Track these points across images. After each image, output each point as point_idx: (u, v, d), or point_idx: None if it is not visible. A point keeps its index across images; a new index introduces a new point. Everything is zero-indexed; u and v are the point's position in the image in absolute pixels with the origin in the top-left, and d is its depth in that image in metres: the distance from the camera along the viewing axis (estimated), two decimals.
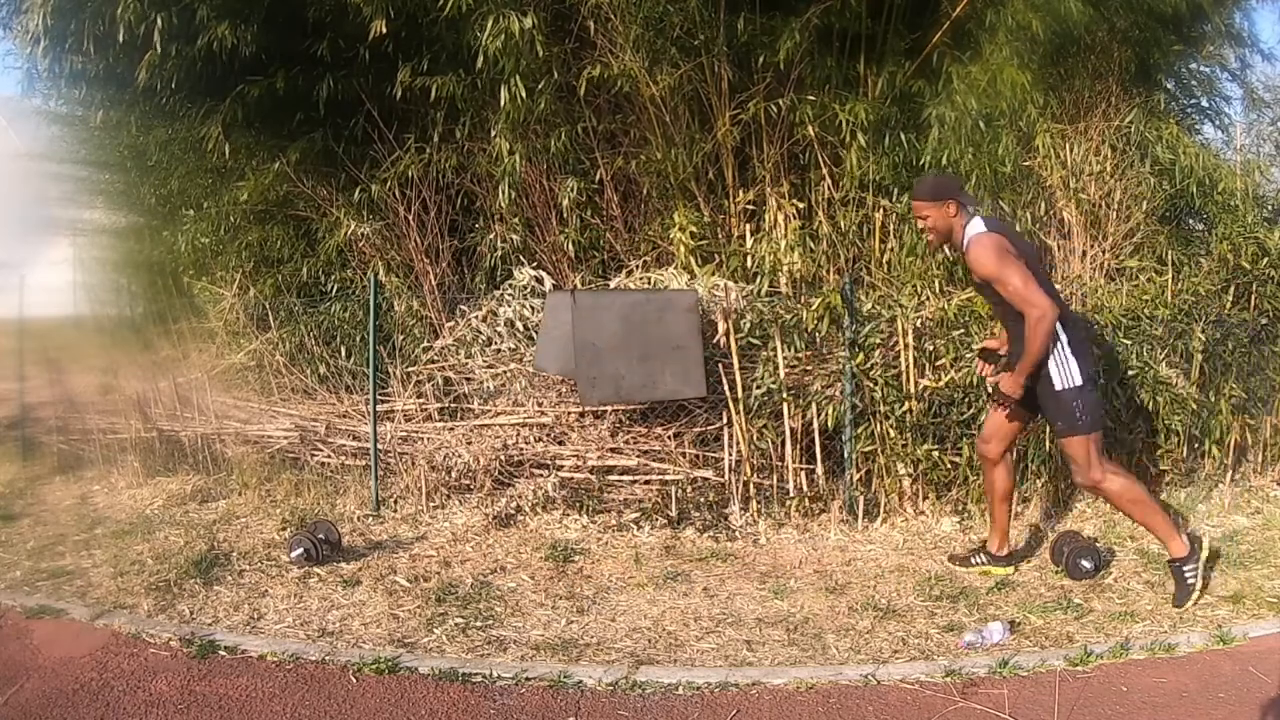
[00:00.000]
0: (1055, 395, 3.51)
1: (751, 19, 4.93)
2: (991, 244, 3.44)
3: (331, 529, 4.26)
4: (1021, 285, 3.37)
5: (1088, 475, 3.53)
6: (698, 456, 4.73)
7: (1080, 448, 3.51)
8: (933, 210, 3.58)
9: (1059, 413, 3.53)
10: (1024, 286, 3.37)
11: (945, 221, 3.57)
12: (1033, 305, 3.35)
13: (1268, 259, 5.07)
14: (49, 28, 5.05)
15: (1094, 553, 3.87)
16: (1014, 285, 3.38)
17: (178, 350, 6.39)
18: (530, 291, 5.14)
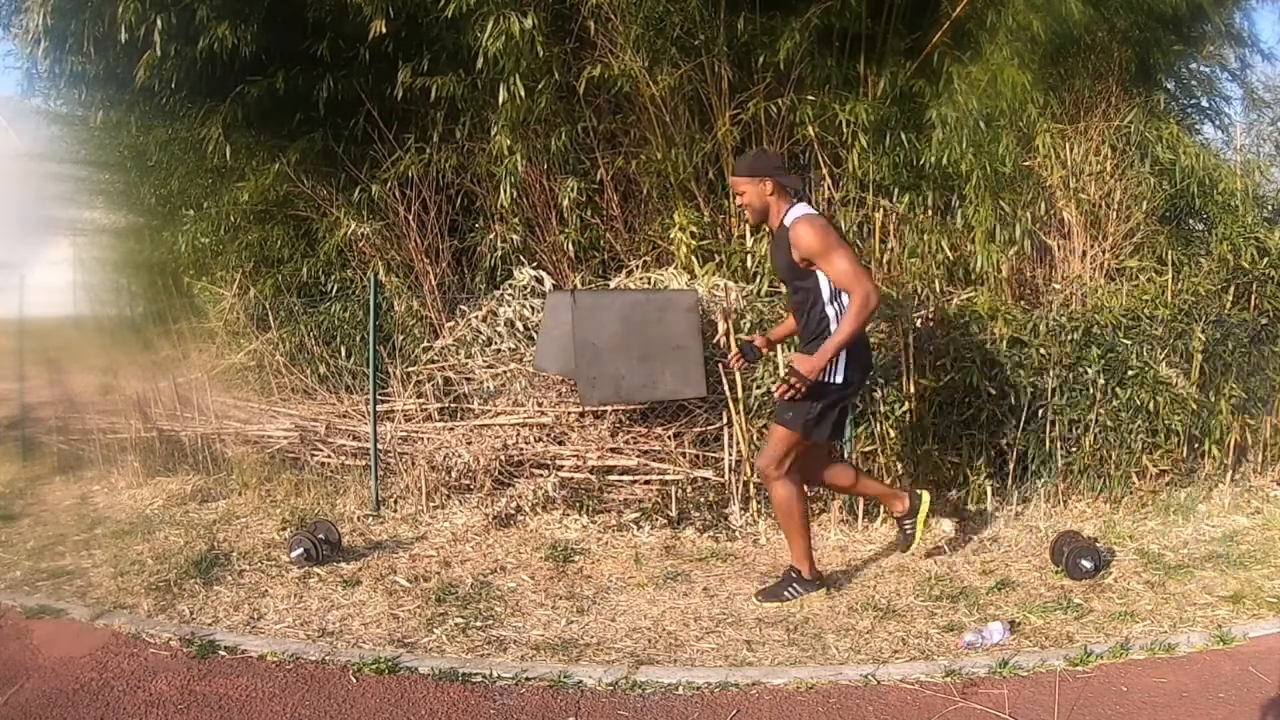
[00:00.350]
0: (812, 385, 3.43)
1: (751, 19, 4.93)
2: (818, 223, 3.41)
3: (331, 529, 4.27)
4: (850, 265, 3.33)
5: (767, 464, 3.58)
6: (698, 456, 4.73)
7: (784, 440, 3.52)
8: (749, 186, 3.53)
9: (799, 402, 3.44)
10: (853, 267, 3.33)
11: (761, 199, 3.52)
12: (860, 286, 3.30)
13: (1268, 259, 5.07)
14: (49, 28, 5.05)
15: (1094, 553, 3.87)
16: (843, 264, 3.33)
17: (178, 350, 6.38)
18: (530, 291, 5.14)
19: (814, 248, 3.38)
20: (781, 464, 3.54)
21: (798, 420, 3.48)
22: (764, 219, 3.60)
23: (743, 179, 3.56)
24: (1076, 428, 4.75)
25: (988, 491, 4.65)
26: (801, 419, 3.47)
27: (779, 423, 3.55)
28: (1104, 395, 4.70)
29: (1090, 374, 4.68)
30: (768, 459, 3.57)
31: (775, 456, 3.54)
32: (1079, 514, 4.70)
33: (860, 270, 3.35)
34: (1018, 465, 4.74)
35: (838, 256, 3.35)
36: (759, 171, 3.52)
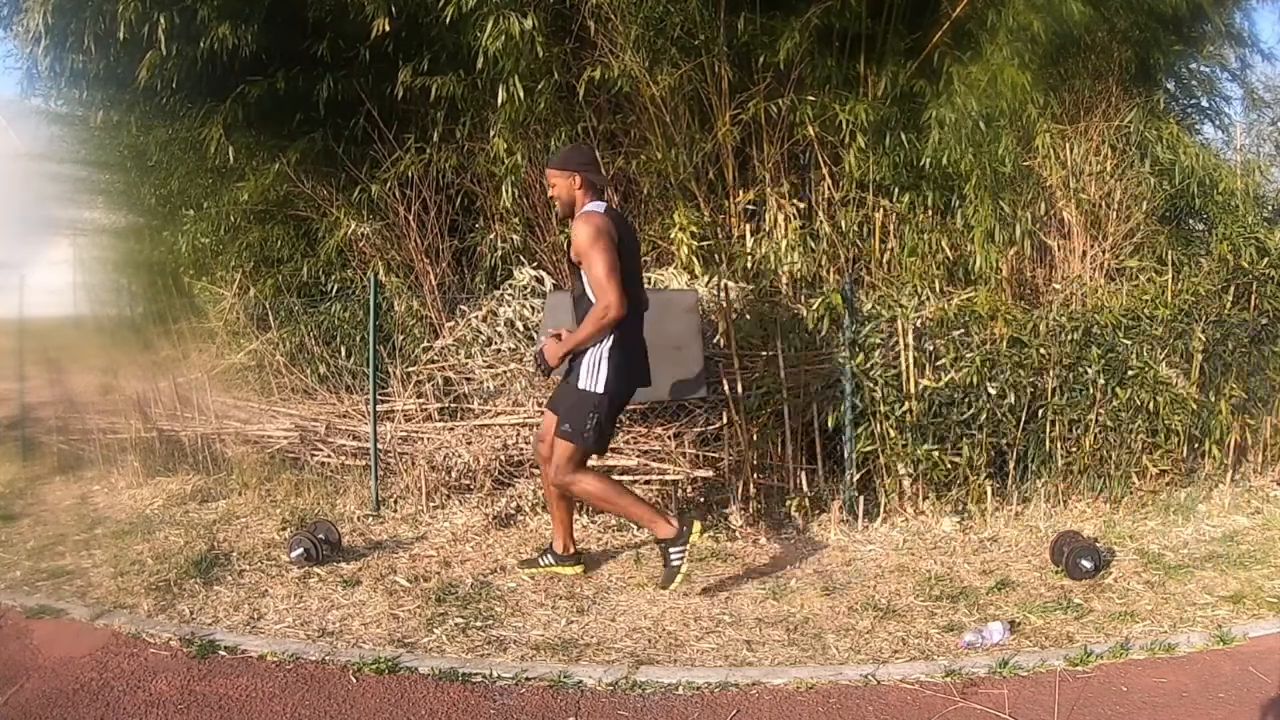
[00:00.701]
0: (578, 394, 3.55)
1: (751, 19, 4.93)
2: (595, 222, 3.44)
3: (331, 529, 4.27)
4: (604, 273, 3.37)
5: (559, 476, 3.60)
6: (698, 456, 4.72)
7: (566, 452, 3.57)
8: (559, 179, 3.61)
9: (572, 414, 3.54)
10: (606, 275, 3.37)
11: (569, 193, 3.60)
12: (604, 295, 3.37)
13: (1268, 259, 5.07)
14: (50, 26, 5.05)
15: (1094, 553, 3.87)
16: (597, 270, 3.39)
17: (178, 350, 6.38)
18: (530, 291, 5.14)
19: (580, 245, 3.46)
20: (571, 472, 3.59)
21: (577, 432, 3.54)
22: (570, 212, 3.65)
23: (554, 171, 3.65)
24: (1076, 428, 4.75)
25: (988, 491, 4.65)
26: (580, 430, 3.53)
27: (561, 436, 3.58)
28: (1104, 395, 4.70)
29: (1090, 374, 4.68)
30: (557, 471, 3.60)
31: (563, 467, 3.58)
32: (1079, 514, 4.70)
33: (609, 281, 3.38)
34: (1018, 465, 4.74)
35: (595, 260, 3.40)
36: (569, 166, 3.60)
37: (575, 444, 3.54)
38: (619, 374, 3.54)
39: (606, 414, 3.57)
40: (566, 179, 3.59)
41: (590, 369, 3.53)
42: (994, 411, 4.63)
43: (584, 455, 3.62)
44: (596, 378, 3.52)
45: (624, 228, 3.63)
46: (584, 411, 3.52)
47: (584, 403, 3.53)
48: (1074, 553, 3.86)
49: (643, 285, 3.81)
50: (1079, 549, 3.87)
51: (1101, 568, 3.86)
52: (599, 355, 3.52)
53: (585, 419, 3.52)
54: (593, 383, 3.52)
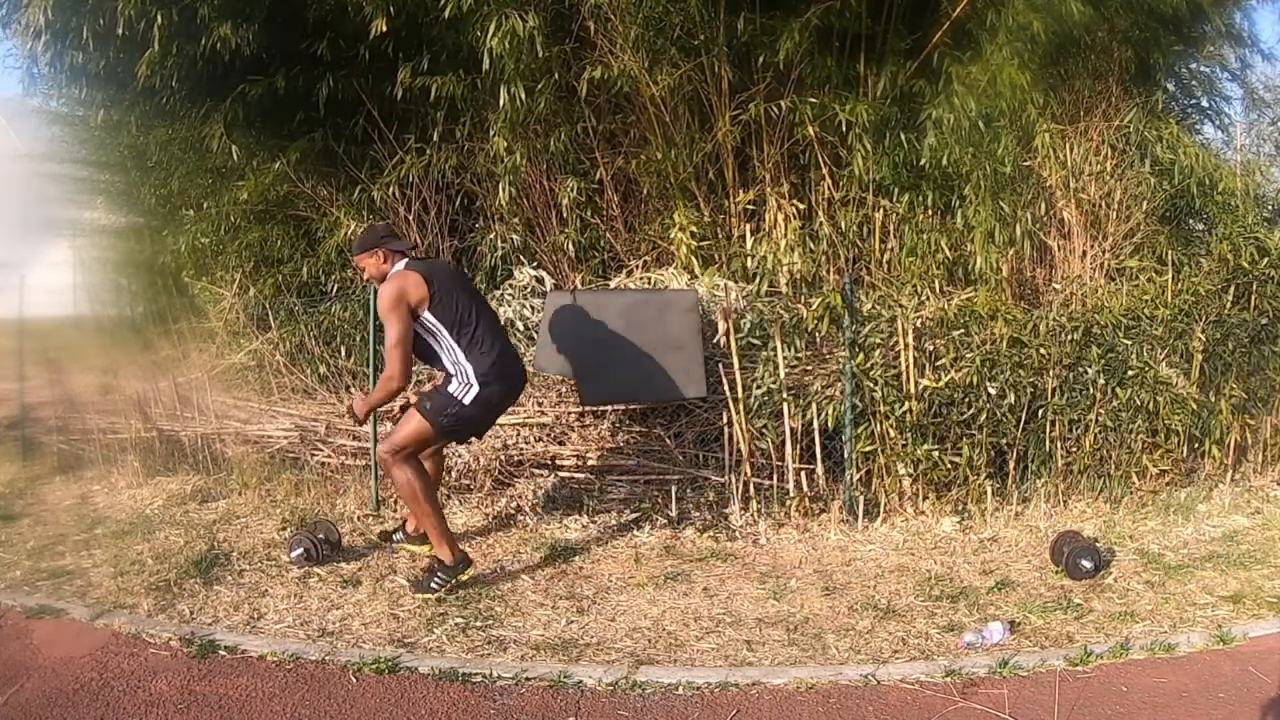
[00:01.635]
0: (446, 393, 3.66)
1: (751, 19, 4.93)
2: (389, 290, 3.56)
3: (331, 529, 4.27)
4: (394, 341, 3.51)
5: (389, 448, 3.65)
6: (698, 456, 4.72)
7: (412, 428, 3.65)
8: (366, 260, 3.76)
9: (436, 400, 3.65)
10: (395, 345, 3.51)
11: (379, 270, 3.73)
12: (391, 364, 3.52)
13: (1268, 259, 5.07)
14: (50, 22, 5.05)
15: (1094, 553, 3.87)
16: (390, 337, 3.54)
17: (178, 350, 6.39)
18: (530, 291, 5.14)
19: (380, 310, 3.61)
20: (402, 450, 3.65)
21: (434, 413, 3.64)
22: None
23: (359, 256, 3.79)
24: (1076, 428, 4.75)
25: (988, 491, 4.65)
26: (439, 412, 3.63)
27: (417, 408, 3.67)
28: (1104, 395, 4.70)
29: (1090, 374, 4.68)
30: (390, 443, 3.67)
31: (399, 442, 3.65)
32: (1079, 514, 4.70)
33: (398, 351, 3.51)
34: (1018, 465, 4.74)
35: (390, 328, 3.55)
36: (368, 245, 3.75)
37: (426, 421, 3.63)
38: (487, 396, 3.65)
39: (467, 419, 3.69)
40: (371, 258, 3.73)
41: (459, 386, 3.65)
42: (994, 411, 4.63)
43: (424, 438, 3.69)
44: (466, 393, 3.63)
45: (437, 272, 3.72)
46: (445, 404, 3.64)
47: (449, 401, 3.64)
48: (1074, 553, 3.86)
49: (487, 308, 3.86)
50: (1079, 549, 3.87)
51: (1101, 568, 3.86)
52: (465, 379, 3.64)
53: (444, 409, 3.63)
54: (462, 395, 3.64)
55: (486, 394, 3.65)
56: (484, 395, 3.64)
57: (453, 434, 3.84)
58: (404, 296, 3.56)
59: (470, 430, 3.90)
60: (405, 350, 3.54)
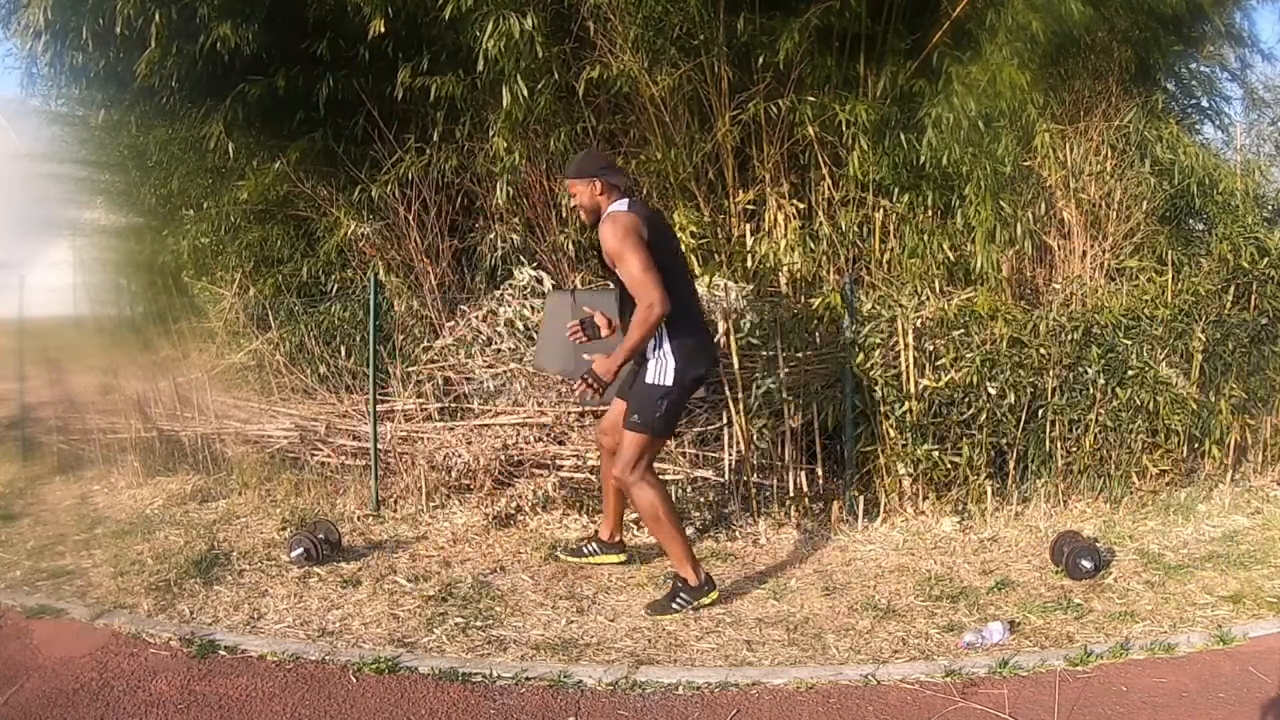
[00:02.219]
0: (645, 386, 3.50)
1: (751, 19, 4.93)
2: (622, 221, 3.38)
3: (331, 529, 4.27)
4: (639, 271, 3.29)
5: (624, 471, 3.51)
6: (698, 456, 4.72)
7: (636, 445, 3.51)
8: (580, 187, 3.57)
9: (640, 404, 3.50)
10: (642, 273, 3.29)
11: (592, 200, 3.55)
12: (645, 294, 3.28)
13: (1268, 259, 5.07)
14: (50, 21, 5.04)
15: (1094, 553, 3.87)
16: (632, 269, 3.31)
17: (178, 350, 6.38)
18: (530, 291, 5.14)
19: (610, 247, 3.39)
20: (638, 469, 3.52)
21: (646, 422, 3.49)
22: (597, 219, 3.61)
23: (573, 181, 3.61)
24: (1076, 428, 4.75)
25: (988, 491, 4.65)
26: (649, 419, 3.49)
27: (630, 429, 3.53)
28: (1104, 395, 4.70)
29: (1090, 374, 4.68)
30: (624, 467, 3.52)
31: (632, 461, 3.51)
32: (1079, 514, 4.70)
33: (647, 278, 3.29)
34: (1018, 465, 4.74)
35: (630, 259, 3.32)
36: (586, 173, 3.57)
37: (644, 434, 3.49)
38: (686, 361, 3.49)
39: (675, 400, 3.53)
40: (586, 185, 3.56)
41: (655, 365, 3.49)
42: (994, 411, 4.63)
43: (652, 448, 3.57)
44: (664, 372, 3.47)
45: (654, 219, 3.59)
46: (653, 401, 3.48)
47: (652, 395, 3.48)
48: (1074, 553, 3.86)
49: (686, 269, 3.72)
50: (1079, 549, 3.87)
51: (1101, 568, 3.87)
52: (661, 353, 3.48)
53: (655, 408, 3.48)
54: (660, 377, 3.48)
55: (685, 368, 3.47)
56: (683, 370, 3.46)
57: (669, 429, 3.63)
58: (638, 229, 3.35)
59: (678, 418, 3.69)
60: (656, 275, 3.28)
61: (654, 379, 3.49)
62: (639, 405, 3.52)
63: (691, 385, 3.60)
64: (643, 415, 3.50)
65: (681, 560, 3.57)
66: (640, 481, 3.51)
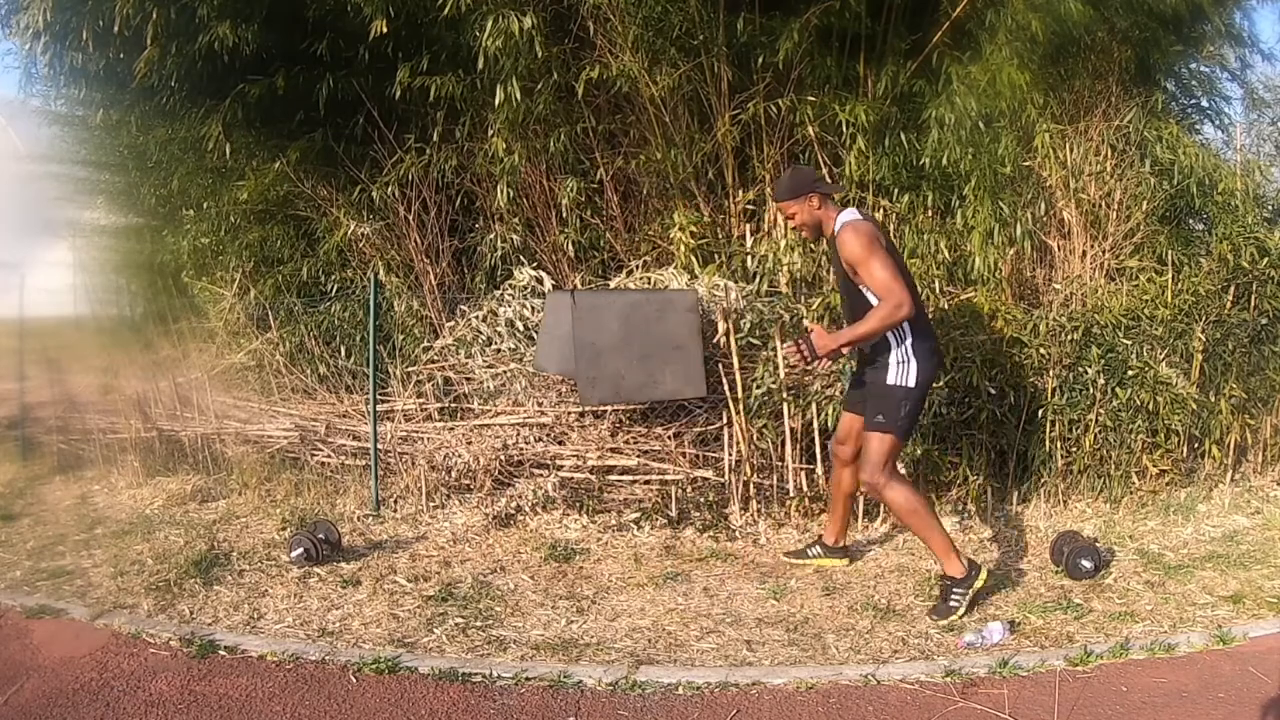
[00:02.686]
0: (887, 389, 3.52)
1: (751, 19, 4.92)
2: (864, 230, 3.43)
3: (331, 529, 4.27)
4: (888, 276, 3.34)
5: (873, 474, 3.52)
6: (698, 456, 4.72)
7: (881, 446, 3.51)
8: (797, 207, 3.60)
9: (883, 406, 3.52)
10: (890, 278, 3.34)
11: (812, 215, 3.58)
12: (893, 293, 3.33)
13: (1268, 259, 5.07)
14: (49, 22, 5.04)
15: (1094, 553, 3.87)
16: (880, 273, 3.35)
17: (178, 350, 6.38)
18: (530, 291, 5.14)
19: (856, 256, 3.41)
20: (885, 471, 3.51)
21: (891, 422, 3.49)
22: (819, 234, 3.65)
23: (788, 202, 3.62)
24: (1076, 428, 4.75)
25: (988, 491, 4.65)
26: (893, 419, 3.49)
27: (873, 429, 3.53)
28: (1104, 395, 4.70)
29: (1090, 374, 4.68)
30: (871, 470, 3.52)
31: (879, 463, 3.50)
32: (1079, 514, 4.70)
33: (896, 282, 3.34)
34: (1018, 465, 4.74)
35: (876, 264, 3.36)
36: (800, 190, 3.58)
37: (890, 433, 3.49)
38: (925, 367, 3.52)
39: (916, 402, 3.54)
40: (803, 204, 3.57)
41: (898, 367, 3.49)
42: (994, 411, 4.63)
43: (896, 449, 3.57)
44: (907, 374, 3.48)
45: (881, 230, 3.61)
46: (896, 402, 3.49)
47: (895, 395, 3.49)
48: (1074, 553, 3.86)
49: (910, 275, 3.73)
50: (1079, 549, 3.87)
51: (1101, 568, 3.87)
52: (906, 354, 3.50)
53: (898, 408, 3.49)
54: (903, 378, 3.49)
55: (925, 368, 3.49)
56: (924, 371, 3.49)
57: (911, 429, 3.65)
58: (877, 236, 3.41)
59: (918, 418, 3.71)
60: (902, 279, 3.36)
61: (896, 380, 3.50)
62: (883, 406, 3.52)
63: (927, 386, 3.63)
64: (887, 415, 3.50)
65: (944, 553, 3.53)
66: (889, 483, 3.51)
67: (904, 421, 3.51)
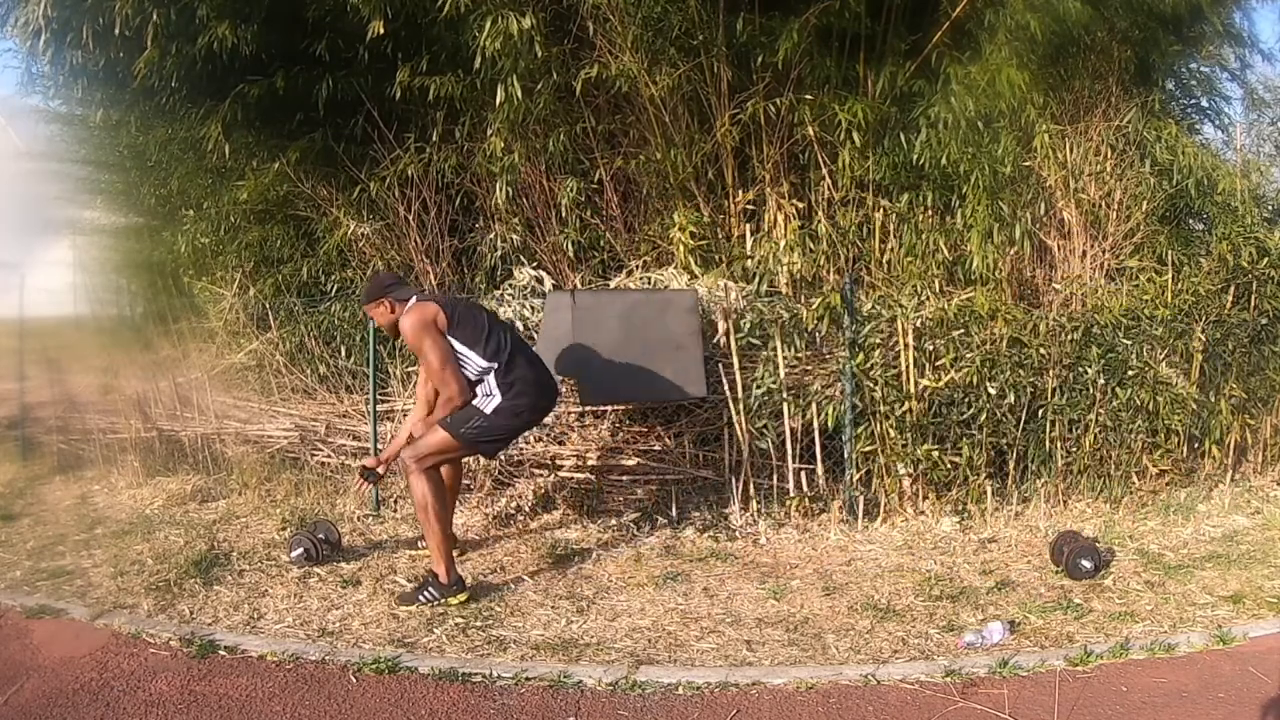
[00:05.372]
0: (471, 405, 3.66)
1: (751, 19, 4.93)
2: (414, 316, 3.58)
3: (331, 529, 4.27)
4: (440, 361, 3.53)
5: (413, 454, 3.63)
6: (698, 456, 4.72)
7: (435, 438, 3.63)
8: (374, 310, 3.79)
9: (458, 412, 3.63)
10: (442, 364, 3.53)
11: (388, 318, 3.76)
12: (445, 386, 3.54)
13: (1267, 259, 5.07)
14: (50, 20, 5.04)
15: (1094, 553, 3.87)
16: (433, 360, 3.54)
17: (178, 350, 6.38)
18: (530, 291, 5.14)
19: (410, 342, 3.62)
20: (425, 459, 3.63)
21: (456, 426, 3.62)
22: (397, 333, 3.77)
23: (368, 307, 3.84)
24: (1076, 428, 4.75)
25: (988, 491, 4.65)
26: (460, 425, 3.61)
27: (439, 424, 3.64)
28: (1104, 395, 4.70)
29: (1090, 374, 4.68)
30: (414, 455, 3.65)
31: (423, 452, 3.63)
32: (1079, 514, 4.70)
33: (444, 370, 3.53)
34: (1018, 465, 4.74)
35: (429, 353, 3.55)
36: (375, 296, 3.78)
37: (449, 435, 3.61)
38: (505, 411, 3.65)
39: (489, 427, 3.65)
40: (378, 308, 3.76)
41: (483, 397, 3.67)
42: (994, 411, 4.63)
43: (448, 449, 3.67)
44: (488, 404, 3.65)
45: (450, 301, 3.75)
46: (470, 418, 3.63)
47: (472, 414, 3.64)
48: (1074, 553, 3.86)
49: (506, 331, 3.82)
50: (1079, 549, 3.87)
51: (1101, 568, 3.86)
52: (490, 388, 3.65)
53: (468, 418, 3.62)
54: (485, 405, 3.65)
55: (510, 404, 3.64)
56: (506, 405, 3.64)
57: (476, 445, 3.77)
58: (429, 320, 3.57)
59: (495, 442, 3.85)
60: (454, 368, 3.57)
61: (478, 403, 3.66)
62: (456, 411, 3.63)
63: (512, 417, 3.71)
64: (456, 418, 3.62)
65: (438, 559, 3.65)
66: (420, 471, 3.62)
67: (468, 432, 3.63)
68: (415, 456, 3.63)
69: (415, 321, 3.57)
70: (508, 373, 3.65)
